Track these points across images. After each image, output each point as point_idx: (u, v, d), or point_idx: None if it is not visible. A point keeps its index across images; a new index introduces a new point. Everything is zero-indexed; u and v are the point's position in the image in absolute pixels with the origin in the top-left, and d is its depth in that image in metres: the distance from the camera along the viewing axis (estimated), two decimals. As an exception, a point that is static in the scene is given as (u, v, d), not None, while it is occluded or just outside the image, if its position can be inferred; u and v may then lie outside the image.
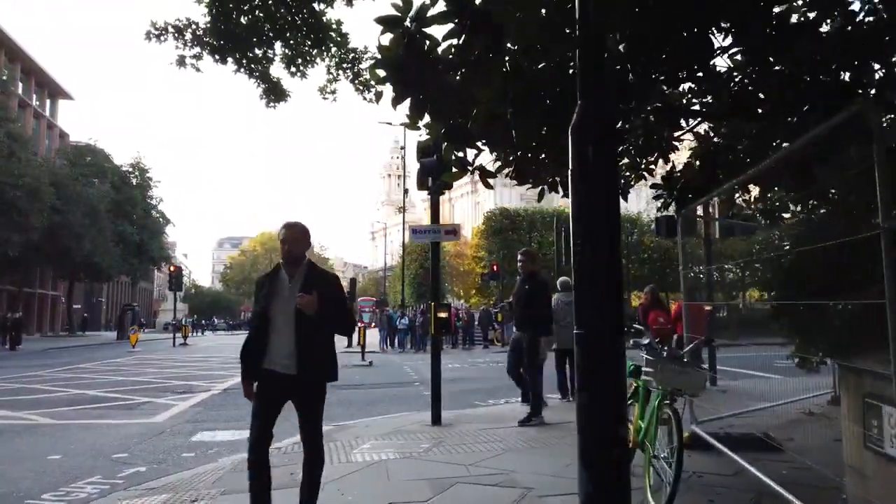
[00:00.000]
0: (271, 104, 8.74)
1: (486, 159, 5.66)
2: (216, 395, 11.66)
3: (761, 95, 5.54)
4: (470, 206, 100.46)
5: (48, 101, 58.27)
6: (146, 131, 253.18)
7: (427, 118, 4.94)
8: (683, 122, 6.16)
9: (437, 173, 7.01)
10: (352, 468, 5.69)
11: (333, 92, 8.83)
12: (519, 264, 8.21)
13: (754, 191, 7.06)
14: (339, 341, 25.83)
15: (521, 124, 4.13)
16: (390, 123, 31.89)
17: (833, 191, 5.36)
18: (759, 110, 5.47)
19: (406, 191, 32.95)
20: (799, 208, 6.53)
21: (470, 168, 5.22)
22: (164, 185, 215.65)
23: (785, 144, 5.54)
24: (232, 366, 18.13)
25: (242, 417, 9.27)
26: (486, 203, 73.63)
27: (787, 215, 7.08)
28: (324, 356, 3.84)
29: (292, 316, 3.72)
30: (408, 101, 4.78)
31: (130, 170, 53.62)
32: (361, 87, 8.45)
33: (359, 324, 50.07)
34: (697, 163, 6.33)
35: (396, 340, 28.31)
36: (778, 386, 8.76)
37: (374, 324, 35.06)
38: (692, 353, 5.19)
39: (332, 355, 3.90)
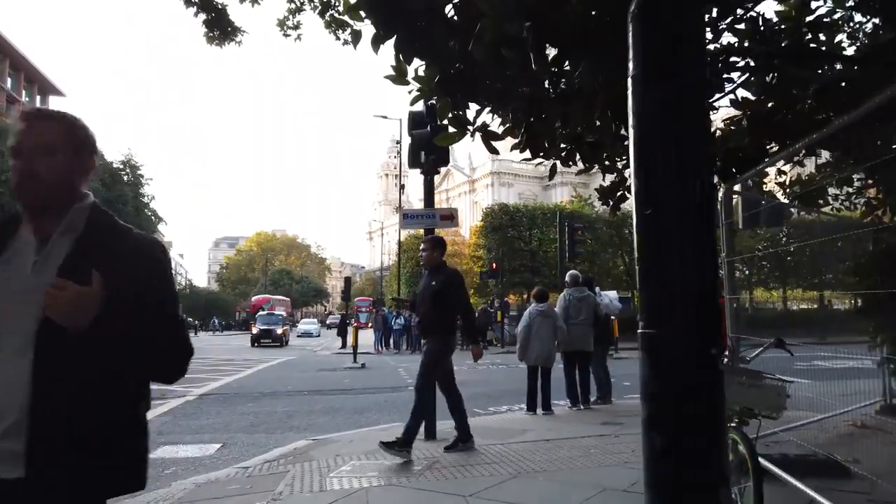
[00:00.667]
0: (216, 42, 7.35)
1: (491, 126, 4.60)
2: (190, 402, 10.61)
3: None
4: (467, 205, 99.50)
5: (38, 98, 57.12)
6: (141, 131, 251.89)
7: (418, 64, 3.91)
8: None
9: (430, 147, 5.95)
10: (324, 499, 4.64)
11: (296, 27, 7.44)
12: (421, 253, 6.31)
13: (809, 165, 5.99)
14: (334, 342, 24.48)
15: (542, 44, 3.05)
16: (385, 117, 30.77)
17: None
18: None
19: (402, 186, 31.90)
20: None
21: (470, 129, 4.16)
22: (161, 185, 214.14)
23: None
24: (213, 368, 17.08)
25: (214, 428, 8.22)
26: (483, 202, 72.61)
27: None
28: (109, 430, 1.60)
29: (31, 334, 1.55)
30: (392, 42, 3.74)
31: (121, 167, 52.47)
32: (333, 24, 6.91)
33: (355, 323, 48.63)
34: (744, 124, 5.24)
35: (392, 341, 27.27)
36: (821, 392, 7.73)
37: (370, 324, 34.00)
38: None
39: (131, 426, 1.68)
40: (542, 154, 5.13)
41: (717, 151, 5.14)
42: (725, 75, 5.13)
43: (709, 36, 4.61)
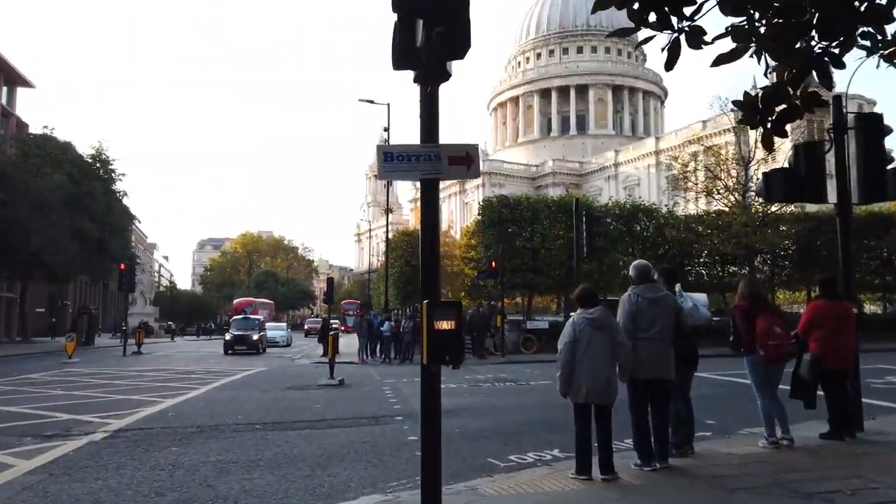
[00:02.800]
0: None
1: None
2: (92, 445, 7.67)
3: None
4: (458, 206, 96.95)
5: (5, 89, 53.73)
6: (126, 130, 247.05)
7: None
8: None
9: (439, 15, 3.13)
10: None
11: None
12: None
13: None
14: (315, 349, 21.40)
15: None
16: (372, 101, 27.89)
17: None
18: None
19: (388, 185, 29.02)
20: None
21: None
22: (145, 185, 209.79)
23: None
24: (161, 386, 14.12)
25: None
26: (474, 204, 69.90)
27: None
28: None
29: None
30: None
31: (91, 161, 49.15)
32: None
33: (342, 328, 45.40)
34: None
35: (378, 348, 24.35)
36: None
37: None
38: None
39: None
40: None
41: None
42: None
43: None
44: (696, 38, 3.07)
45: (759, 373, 6.53)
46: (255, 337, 30.83)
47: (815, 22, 3.06)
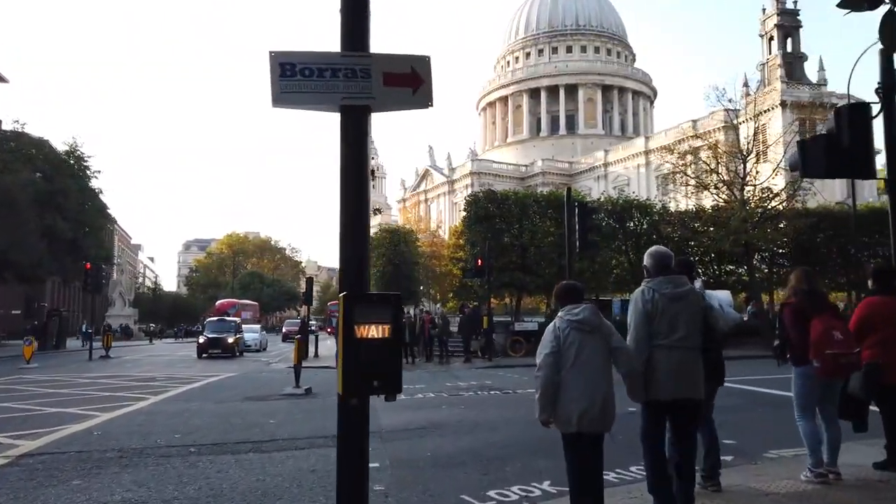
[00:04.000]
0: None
1: None
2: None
3: None
4: (447, 206, 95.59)
5: (-24, 84, 51.74)
6: (111, 131, 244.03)
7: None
8: None
9: None
10: None
11: None
12: None
13: None
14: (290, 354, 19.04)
15: None
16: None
17: None
18: None
19: (372, 172, 27.62)
20: None
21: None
22: (130, 187, 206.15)
23: None
24: (110, 395, 12.66)
25: None
26: (463, 204, 68.56)
27: None
28: None
29: None
30: None
31: (66, 157, 47.34)
32: None
33: (328, 330, 43.65)
34: None
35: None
36: None
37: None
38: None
39: None
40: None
41: None
42: None
43: None
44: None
45: (810, 388, 5.16)
46: (231, 340, 29.31)
47: None
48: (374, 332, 2.46)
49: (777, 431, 7.67)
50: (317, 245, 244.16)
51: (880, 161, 6.55)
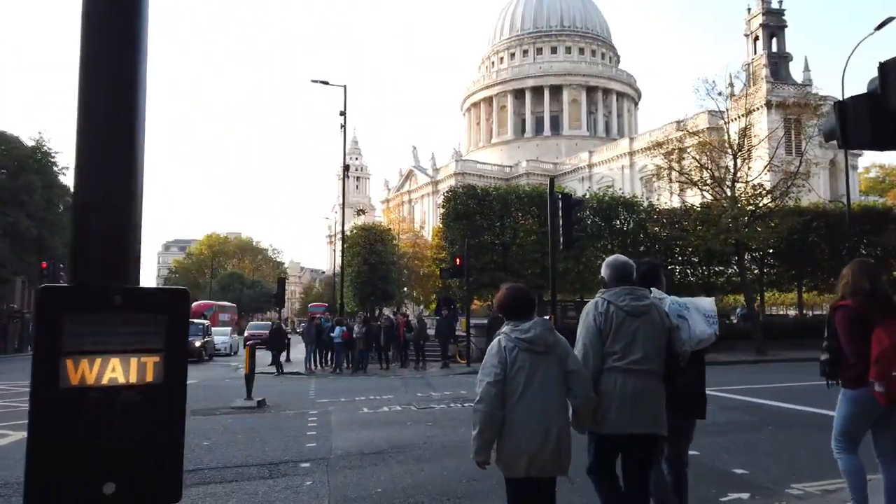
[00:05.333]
0: None
1: None
2: None
3: None
4: (430, 206, 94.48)
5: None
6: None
7: None
8: None
9: None
10: None
11: None
12: None
13: None
14: (265, 356, 17.63)
15: None
16: (326, 83, 25.22)
17: None
18: None
19: (346, 167, 26.38)
20: None
21: None
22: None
23: None
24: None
25: None
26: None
27: None
28: None
29: None
30: None
31: (32, 153, 45.43)
32: None
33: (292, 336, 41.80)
34: None
35: (330, 358, 21.60)
36: None
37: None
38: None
39: None
40: None
41: None
42: None
43: None
44: None
45: (862, 416, 3.97)
46: (198, 343, 27.83)
47: None
48: (114, 373, 1.20)
49: (796, 457, 6.53)
50: (300, 246, 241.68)
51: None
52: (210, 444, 7.88)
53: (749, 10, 64.96)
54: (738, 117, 23.54)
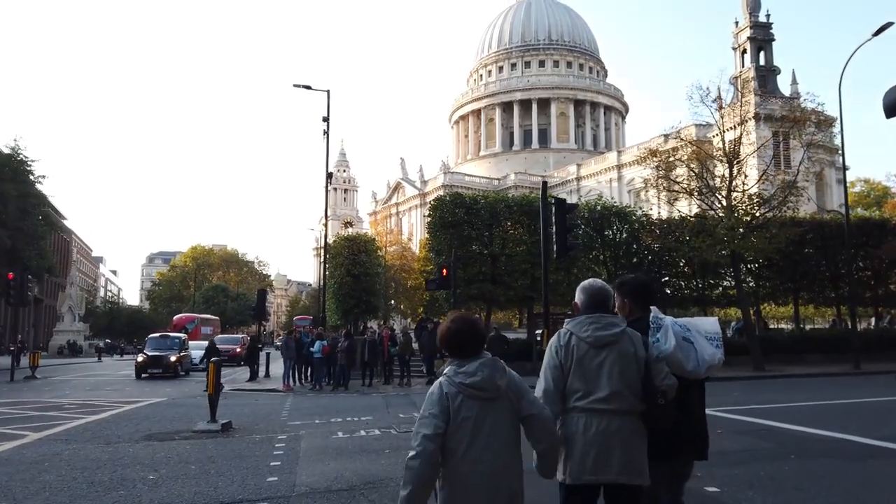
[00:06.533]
0: None
1: None
2: None
3: None
4: (418, 219, 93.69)
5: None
6: (77, 142, 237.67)
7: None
8: None
9: None
10: None
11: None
12: None
13: None
14: (243, 373, 16.26)
15: None
16: (309, 87, 24.39)
17: None
18: None
19: (329, 175, 25.46)
20: None
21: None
22: (93, 198, 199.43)
23: None
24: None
25: None
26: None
27: None
28: None
29: None
30: None
31: (5, 161, 44.04)
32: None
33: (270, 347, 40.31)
34: None
35: (309, 374, 20.53)
36: None
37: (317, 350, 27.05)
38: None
39: None
40: None
41: None
42: None
43: None
44: None
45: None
46: (173, 358, 26.62)
47: None
48: None
49: (833, 495, 5.64)
50: (287, 259, 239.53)
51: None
52: (156, 477, 6.86)
53: (737, 23, 65.14)
54: (735, 126, 22.91)
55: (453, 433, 2.65)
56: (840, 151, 52.98)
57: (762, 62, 63.17)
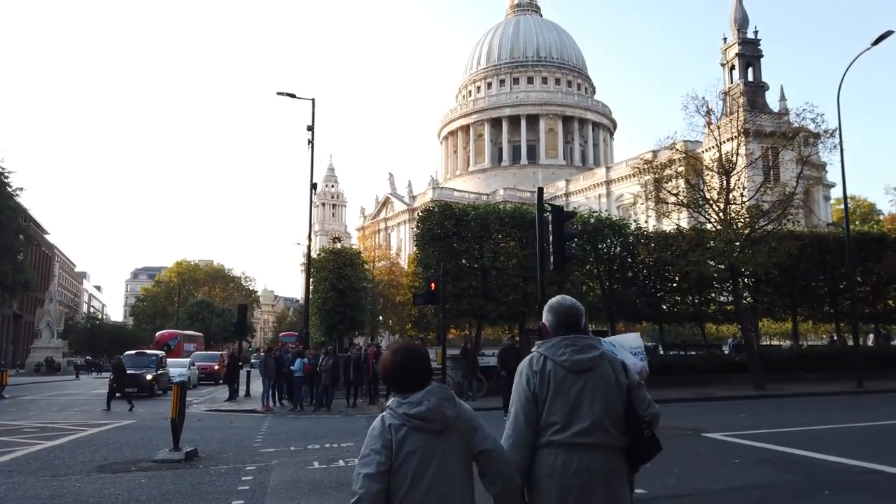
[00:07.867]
0: None
1: None
2: None
3: None
4: (407, 234, 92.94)
5: None
6: (65, 160, 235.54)
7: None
8: None
9: None
10: None
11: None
12: None
13: None
14: (223, 392, 15.37)
15: None
16: (293, 95, 23.59)
17: None
18: None
19: (314, 185, 24.62)
20: None
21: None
22: (77, 214, 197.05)
23: None
24: None
25: None
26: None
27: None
28: None
29: None
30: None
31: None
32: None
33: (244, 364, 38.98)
34: None
35: (288, 392, 19.49)
36: None
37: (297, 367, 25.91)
38: None
39: None
40: None
41: None
42: None
43: None
44: None
45: None
46: (149, 377, 25.43)
47: None
48: None
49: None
50: (274, 274, 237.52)
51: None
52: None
53: (725, 39, 65.35)
54: (732, 137, 22.37)
55: (396, 470, 2.34)
56: (825, 169, 52.98)
57: (751, 78, 63.33)
